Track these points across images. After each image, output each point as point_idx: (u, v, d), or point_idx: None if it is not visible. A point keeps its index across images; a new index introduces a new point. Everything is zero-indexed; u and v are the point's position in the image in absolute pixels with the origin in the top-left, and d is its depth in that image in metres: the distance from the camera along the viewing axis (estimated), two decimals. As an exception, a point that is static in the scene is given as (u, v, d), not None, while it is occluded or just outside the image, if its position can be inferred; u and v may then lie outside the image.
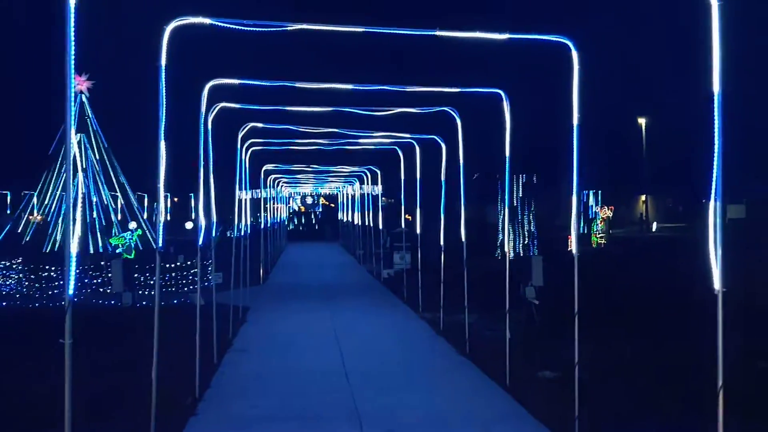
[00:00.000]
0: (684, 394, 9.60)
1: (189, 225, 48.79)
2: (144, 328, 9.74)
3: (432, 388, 10.80)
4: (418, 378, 11.39)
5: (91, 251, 31.46)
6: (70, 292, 5.47)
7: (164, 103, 7.62)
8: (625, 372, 11.14)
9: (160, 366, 8.54)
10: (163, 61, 7.66)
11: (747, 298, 14.74)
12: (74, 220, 5.94)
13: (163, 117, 7.64)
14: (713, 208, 6.06)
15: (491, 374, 11.22)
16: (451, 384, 11.04)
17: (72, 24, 5.41)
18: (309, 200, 64.90)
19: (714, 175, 6.06)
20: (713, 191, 6.07)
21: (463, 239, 13.68)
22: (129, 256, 29.33)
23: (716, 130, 6.06)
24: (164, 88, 7.62)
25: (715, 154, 6.04)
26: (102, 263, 22.80)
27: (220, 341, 12.96)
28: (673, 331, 13.71)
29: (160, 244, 7.95)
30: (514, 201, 31.07)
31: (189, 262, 22.39)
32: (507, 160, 11.10)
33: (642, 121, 58.43)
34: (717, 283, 6.08)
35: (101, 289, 20.56)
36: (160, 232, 7.98)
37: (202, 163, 10.91)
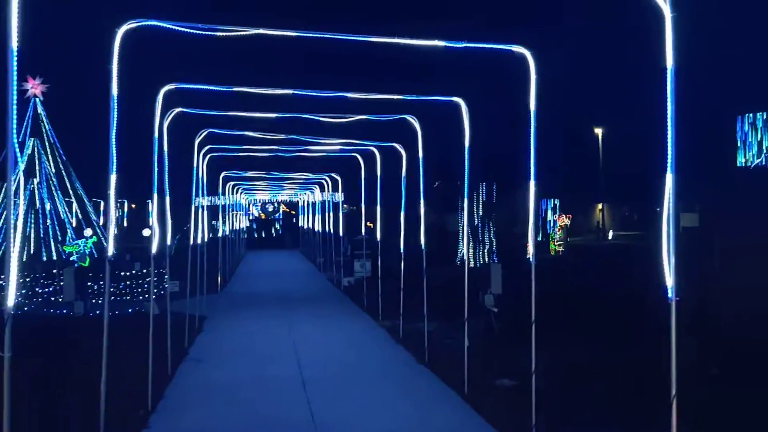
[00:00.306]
0: (639, 401, 9.71)
1: (146, 232, 47.93)
2: (95, 338, 9.45)
3: (390, 397, 10.72)
4: (376, 387, 11.30)
5: (44, 259, 30.69)
6: (10, 303, 5.24)
7: (116, 107, 7.41)
8: (581, 379, 11.22)
9: (111, 377, 8.30)
10: (115, 65, 7.45)
11: (700, 306, 15.05)
12: (15, 228, 5.71)
13: (114, 121, 7.42)
14: (666, 220, 6.12)
15: (450, 383, 11.19)
16: (410, 393, 10.97)
17: (14, 24, 5.21)
18: (269, 207, 64.34)
19: (667, 187, 6.12)
20: (666, 203, 6.13)
21: (423, 247, 13.66)
22: (83, 264, 28.70)
23: (669, 139, 6.13)
24: (116, 92, 7.41)
25: (668, 165, 6.10)
26: (54, 271, 22.22)
27: (175, 351, 12.68)
28: (628, 339, 13.88)
29: (110, 253, 7.71)
30: (475, 209, 31.27)
31: (145, 270, 21.96)
32: (466, 168, 11.12)
33: (598, 130, 59.54)
34: (670, 292, 6.14)
35: (52, 298, 20.00)
36: (110, 240, 7.74)
37: (156, 169, 10.67)
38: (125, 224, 60.72)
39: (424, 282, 13.47)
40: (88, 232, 31.07)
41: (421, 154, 13.56)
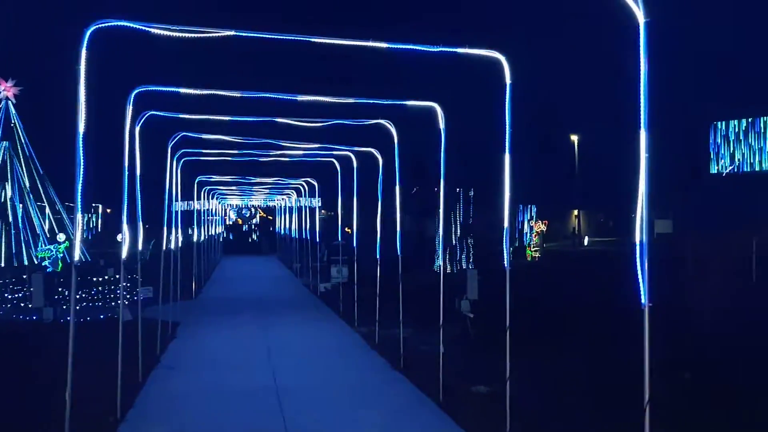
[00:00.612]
0: (613, 406, 9.72)
1: (121, 237, 47.42)
2: (64, 344, 9.24)
3: (365, 404, 10.62)
4: (351, 394, 11.19)
5: (15, 264, 30.11)
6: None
7: (83, 109, 7.25)
8: (556, 386, 11.22)
9: (80, 384, 8.11)
10: (83, 66, 7.29)
11: (672, 311, 15.16)
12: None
13: (82, 124, 7.26)
14: (639, 227, 6.13)
15: (425, 389, 11.12)
16: (385, 400, 10.88)
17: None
18: (246, 212, 63.92)
19: (640, 194, 6.13)
20: (639, 211, 6.13)
21: (399, 253, 13.59)
22: (56, 269, 28.21)
23: (643, 145, 6.14)
24: (83, 94, 7.25)
25: (642, 174, 6.11)
26: (24, 277, 21.81)
27: (146, 358, 12.46)
28: (603, 344, 13.94)
29: (77, 258, 7.54)
30: (453, 215, 31.32)
31: (118, 276, 21.62)
32: (442, 173, 11.09)
33: (574, 137, 60.06)
34: (643, 298, 6.15)
35: (22, 304, 19.60)
36: (77, 245, 7.57)
37: (127, 173, 10.48)
38: (99, 229, 60.00)
39: (400, 288, 13.40)
40: (61, 237, 30.59)
41: (397, 160, 13.51)
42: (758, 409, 9.83)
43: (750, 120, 47.25)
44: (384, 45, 8.26)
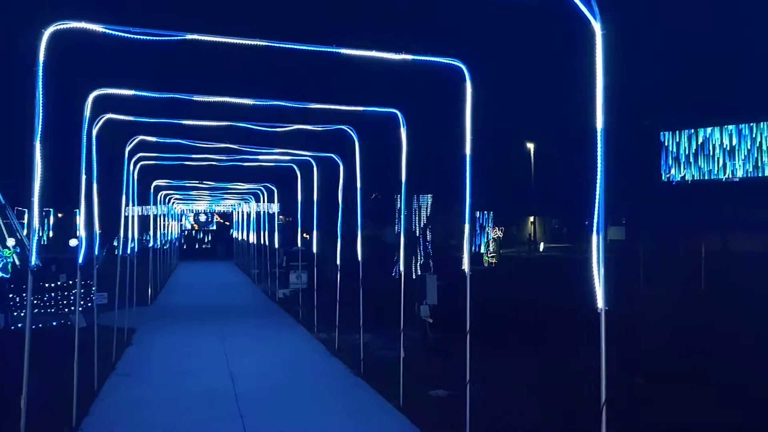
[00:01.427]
0: (572, 408, 9.93)
1: (73, 242, 46.25)
2: (16, 352, 9.02)
3: (325, 409, 10.61)
4: (311, 400, 11.17)
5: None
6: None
7: (41, 111, 7.12)
8: (515, 388, 11.40)
9: (34, 393, 7.92)
10: (40, 67, 7.16)
11: (624, 317, 15.55)
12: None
13: (40, 127, 7.12)
14: (595, 234, 6.29)
15: (385, 394, 11.17)
16: (345, 405, 10.89)
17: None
18: (202, 218, 63.11)
19: (597, 200, 6.29)
20: (596, 217, 6.29)
21: (359, 258, 13.63)
22: (5, 275, 27.40)
23: (599, 155, 6.31)
24: (41, 95, 7.12)
25: (598, 182, 6.27)
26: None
27: (101, 365, 12.23)
28: (561, 347, 14.21)
29: (34, 262, 7.38)
30: (412, 221, 31.48)
31: (71, 282, 21.13)
32: (403, 179, 11.18)
33: (530, 145, 61.04)
34: (599, 303, 6.31)
35: (-30, 312, 18.99)
36: (33, 249, 7.42)
37: (84, 176, 10.30)
38: (51, 234, 58.50)
39: (360, 293, 13.44)
40: (11, 242, 29.74)
41: (358, 166, 13.56)
42: (703, 410, 10.16)
43: (700, 130, 48.70)
44: (347, 51, 8.32)
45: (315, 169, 18.50)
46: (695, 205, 46.19)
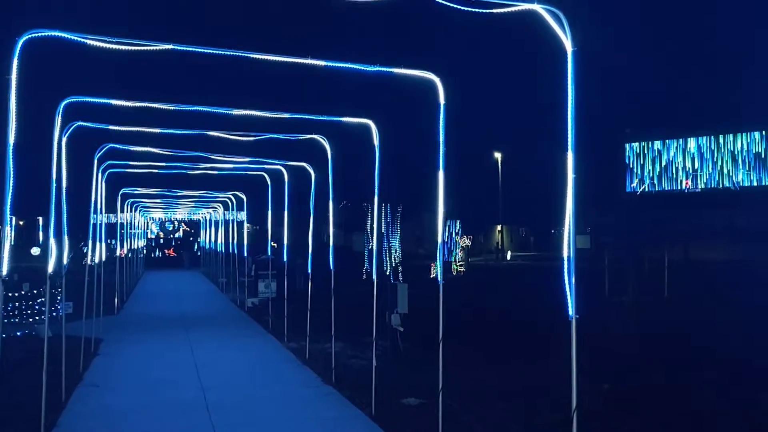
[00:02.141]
0: (542, 415, 10.09)
1: (35, 251, 45.34)
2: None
3: (296, 419, 10.61)
4: (282, 410, 11.16)
5: None
6: None
7: (14, 120, 7.06)
8: (485, 396, 11.54)
9: (0, 405, 7.81)
10: (14, 75, 7.10)
11: (591, 325, 15.80)
12: None
13: (12, 134, 7.06)
14: (567, 243, 6.46)
15: (357, 403, 11.21)
16: (317, 414, 10.91)
17: None
18: (169, 226, 62.40)
19: (567, 212, 6.47)
20: (567, 226, 6.47)
21: (332, 267, 13.68)
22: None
23: (569, 164, 6.49)
24: (14, 104, 7.06)
25: (569, 195, 6.45)
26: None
27: (69, 376, 12.06)
28: (531, 354, 14.42)
29: (5, 272, 7.29)
30: (382, 229, 31.60)
31: (35, 291, 20.77)
32: (376, 189, 11.28)
33: (498, 155, 61.72)
34: (571, 311, 6.47)
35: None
36: (5, 258, 7.33)
37: (54, 185, 10.18)
38: (12, 242, 57.23)
39: (332, 302, 13.48)
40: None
41: (330, 175, 13.62)
42: (668, 415, 10.42)
43: (662, 142, 49.79)
44: (322, 63, 8.41)
45: (285, 177, 18.50)
46: (658, 214, 47.22)
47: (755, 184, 45.83)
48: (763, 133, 45.25)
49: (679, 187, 48.66)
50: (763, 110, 45.50)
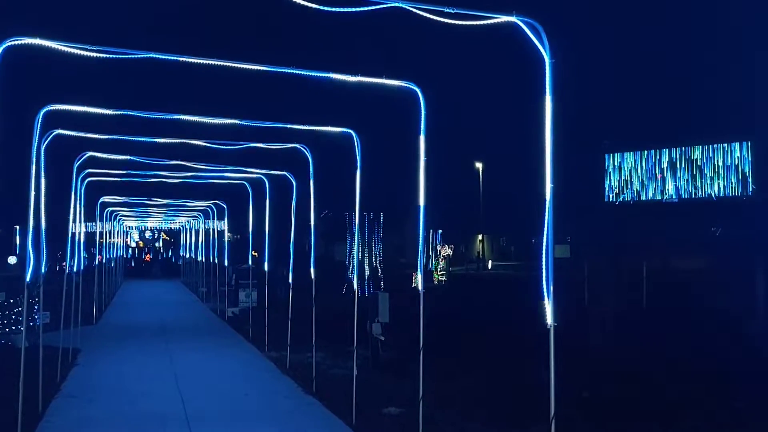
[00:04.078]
0: (521, 422, 10.15)
1: (12, 260, 44.71)
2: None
3: (277, 429, 10.57)
4: (263, 420, 11.10)
5: None
6: None
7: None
8: (466, 405, 11.57)
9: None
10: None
11: (570, 334, 15.92)
12: None
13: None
14: (545, 253, 6.54)
15: (338, 412, 11.19)
16: (297, 424, 10.88)
17: None
18: (149, 235, 61.92)
19: (545, 221, 6.55)
20: (545, 237, 6.55)
21: (313, 276, 13.67)
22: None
23: (548, 174, 6.58)
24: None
25: (547, 204, 6.54)
26: None
27: (46, 387, 11.91)
28: (511, 363, 14.48)
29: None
30: (364, 238, 31.61)
31: (11, 300, 20.49)
32: (357, 198, 11.31)
33: (479, 165, 62.06)
34: (549, 319, 6.55)
35: None
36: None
37: (33, 193, 10.10)
38: (-14, 251, 56.42)
39: (314, 311, 13.46)
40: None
41: (312, 184, 13.63)
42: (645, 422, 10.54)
43: (640, 152, 50.41)
44: (304, 72, 8.45)
45: (267, 186, 18.48)
46: (637, 224, 47.69)
47: (733, 194, 46.50)
48: (743, 143, 46.00)
49: (657, 197, 49.27)
50: (742, 121, 46.30)
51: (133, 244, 61.82)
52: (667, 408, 11.39)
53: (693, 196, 47.60)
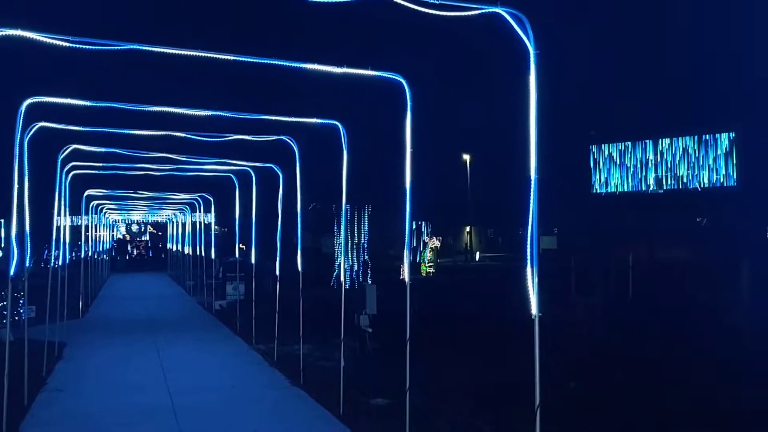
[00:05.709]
0: (508, 412, 10.22)
1: (-2, 253, 44.35)
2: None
3: (265, 420, 10.59)
4: (251, 412, 11.11)
5: None
6: None
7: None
8: (453, 396, 11.63)
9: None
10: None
11: (557, 323, 16.04)
12: None
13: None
14: (530, 243, 6.57)
15: (325, 404, 11.22)
16: (285, 415, 10.90)
17: None
18: (135, 228, 61.59)
19: (530, 212, 6.58)
20: (530, 227, 6.57)
21: (300, 268, 13.66)
22: None
23: (532, 166, 6.60)
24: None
25: (532, 195, 6.56)
26: None
27: (32, 381, 11.85)
28: (498, 353, 14.56)
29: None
30: (350, 231, 31.60)
31: (-3, 294, 20.35)
32: (344, 190, 11.30)
33: (467, 157, 62.16)
34: (534, 309, 6.58)
35: None
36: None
37: (16, 186, 10.01)
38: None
39: (301, 304, 13.46)
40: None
41: (298, 176, 13.61)
42: (631, 413, 10.63)
43: (627, 143, 50.63)
44: (289, 64, 8.41)
45: (254, 178, 18.42)
46: (624, 215, 48.01)
47: (719, 185, 46.84)
48: (728, 134, 46.30)
49: (643, 188, 49.55)
50: (729, 112, 46.60)
51: (120, 237, 61.45)
52: (655, 398, 11.50)
53: (679, 186, 47.92)
